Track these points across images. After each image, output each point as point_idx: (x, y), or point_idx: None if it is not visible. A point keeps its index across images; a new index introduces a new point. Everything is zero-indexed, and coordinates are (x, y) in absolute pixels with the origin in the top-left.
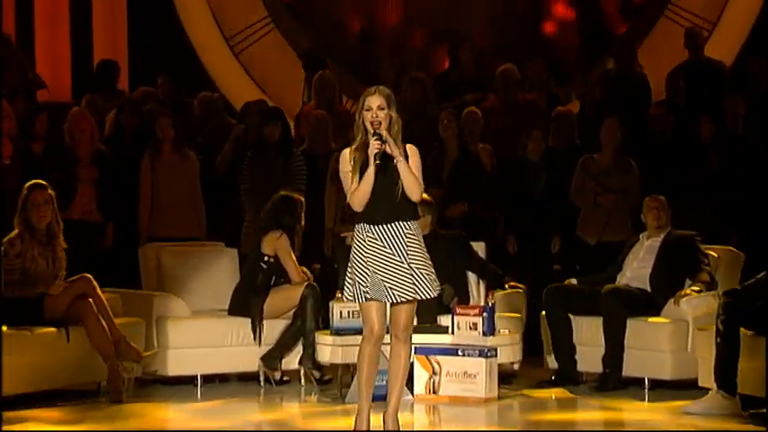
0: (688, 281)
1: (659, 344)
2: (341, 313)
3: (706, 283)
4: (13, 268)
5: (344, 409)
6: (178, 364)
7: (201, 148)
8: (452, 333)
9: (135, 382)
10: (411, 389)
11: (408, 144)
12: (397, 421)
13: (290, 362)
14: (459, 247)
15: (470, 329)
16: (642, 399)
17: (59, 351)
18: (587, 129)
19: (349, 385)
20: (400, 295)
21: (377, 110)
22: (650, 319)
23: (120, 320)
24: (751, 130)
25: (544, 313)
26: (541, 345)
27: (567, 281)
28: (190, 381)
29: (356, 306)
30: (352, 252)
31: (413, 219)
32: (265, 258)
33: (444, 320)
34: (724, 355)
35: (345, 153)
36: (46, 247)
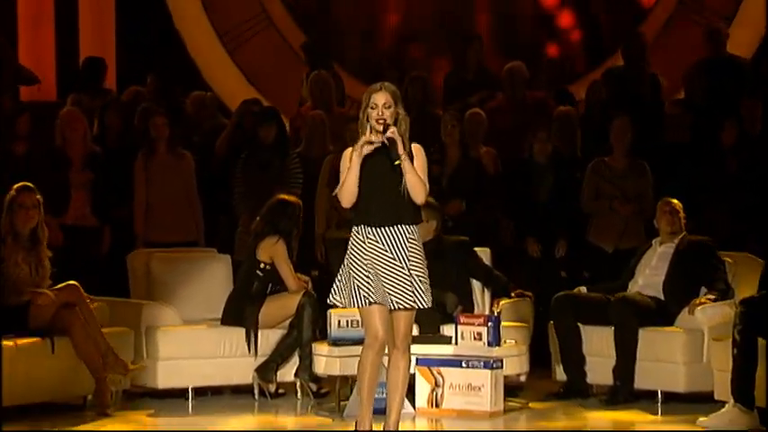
0: (703, 289)
1: (673, 355)
2: (339, 323)
3: (722, 290)
4: None
5: (343, 423)
6: (168, 376)
7: (195, 149)
8: (456, 343)
9: (123, 394)
10: (412, 402)
11: (414, 143)
12: None
13: (286, 374)
14: (463, 254)
15: (475, 339)
16: (655, 412)
17: (44, 362)
18: (592, 130)
19: (348, 398)
20: (398, 302)
21: (383, 108)
22: (663, 329)
23: (108, 330)
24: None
25: (552, 322)
26: (549, 355)
27: (577, 289)
28: (181, 394)
29: (356, 315)
30: (348, 254)
31: (415, 222)
32: (261, 265)
33: (447, 330)
34: (741, 367)
35: (347, 152)
36: (29, 253)
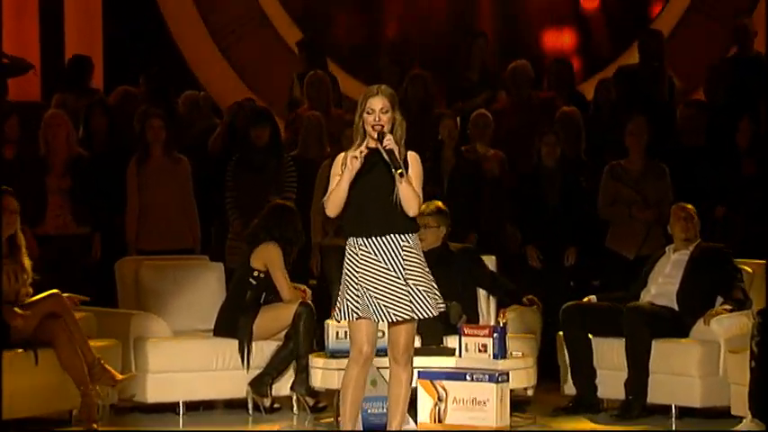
0: (719, 298)
1: (687, 368)
2: (337, 334)
3: (739, 300)
4: None
5: None
6: (158, 389)
7: (187, 151)
8: (460, 355)
9: (111, 409)
10: (414, 417)
11: (410, 151)
12: None
13: (282, 387)
14: (468, 261)
15: (480, 351)
16: (669, 428)
17: (27, 375)
18: (601, 131)
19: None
20: (396, 314)
21: (380, 113)
22: (677, 341)
23: (95, 342)
24: None
25: (561, 334)
26: (558, 368)
27: (587, 298)
28: (171, 408)
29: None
30: (344, 267)
31: (410, 231)
32: (255, 273)
33: (451, 342)
34: (759, 381)
35: (340, 157)
36: (7, 260)
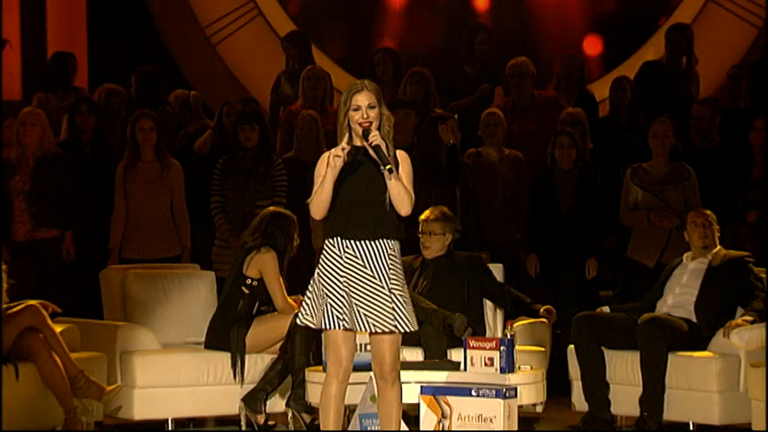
0: (739, 309)
1: (706, 383)
2: None
3: (760, 311)
4: None
5: None
6: (146, 405)
7: (175, 154)
8: (465, 370)
9: (95, 426)
10: None
11: (399, 150)
12: None
13: (276, 403)
14: (474, 270)
15: (486, 365)
16: None
17: (7, 391)
18: (617, 132)
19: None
20: (375, 324)
21: (366, 109)
22: (695, 354)
23: (78, 355)
24: None
25: (572, 346)
26: (569, 383)
27: (599, 309)
28: (159, 426)
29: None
30: (321, 268)
31: (396, 238)
32: (247, 281)
33: (455, 355)
34: None
35: (325, 156)
36: None
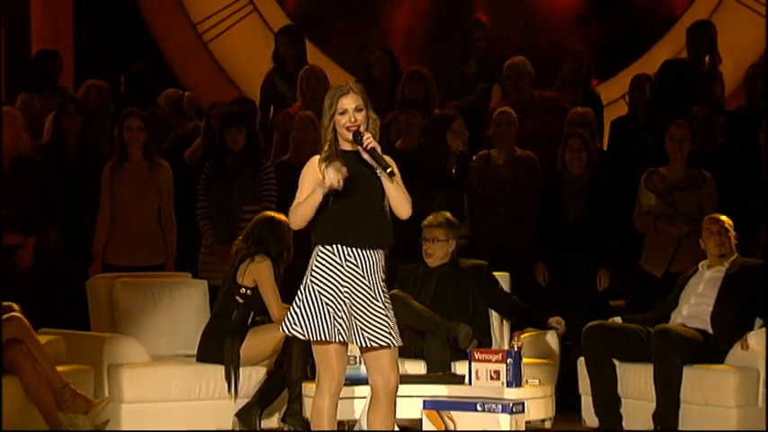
0: (758, 320)
1: (723, 397)
2: None
3: None
4: None
5: None
6: (134, 421)
7: (167, 155)
8: (470, 383)
9: None
10: None
11: (385, 155)
12: None
13: (272, 418)
14: (479, 279)
15: (492, 379)
16: None
17: None
18: (636, 134)
19: None
20: (371, 339)
21: (354, 112)
22: (712, 367)
23: (64, 368)
24: None
25: (583, 359)
26: (579, 397)
27: (611, 319)
28: None
29: (354, 350)
30: (316, 277)
31: (389, 246)
32: (241, 290)
33: (460, 368)
34: None
35: (314, 161)
36: None
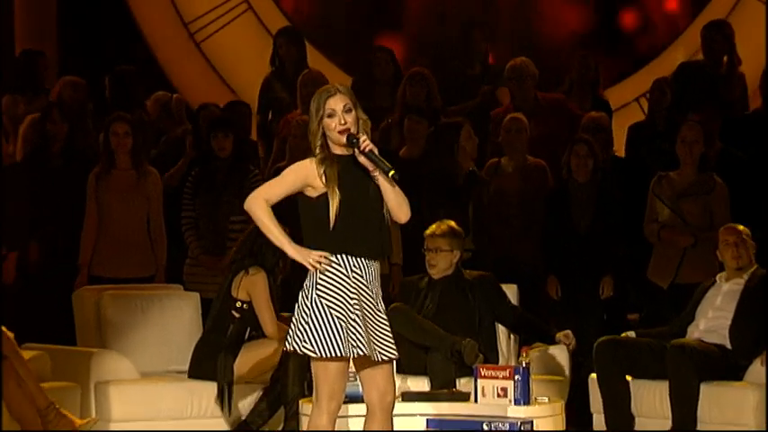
0: None
1: (742, 416)
2: None
3: None
4: None
5: None
6: None
7: (155, 161)
8: (475, 401)
9: None
10: None
11: None
12: None
13: None
14: (486, 291)
15: (498, 396)
16: None
17: None
18: (658, 139)
19: None
20: (381, 352)
21: (343, 113)
22: (730, 384)
23: (49, 385)
24: None
25: (594, 375)
26: (590, 416)
27: (624, 334)
28: None
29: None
30: (324, 290)
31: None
32: (237, 304)
33: (465, 385)
34: None
35: (305, 163)
36: None
